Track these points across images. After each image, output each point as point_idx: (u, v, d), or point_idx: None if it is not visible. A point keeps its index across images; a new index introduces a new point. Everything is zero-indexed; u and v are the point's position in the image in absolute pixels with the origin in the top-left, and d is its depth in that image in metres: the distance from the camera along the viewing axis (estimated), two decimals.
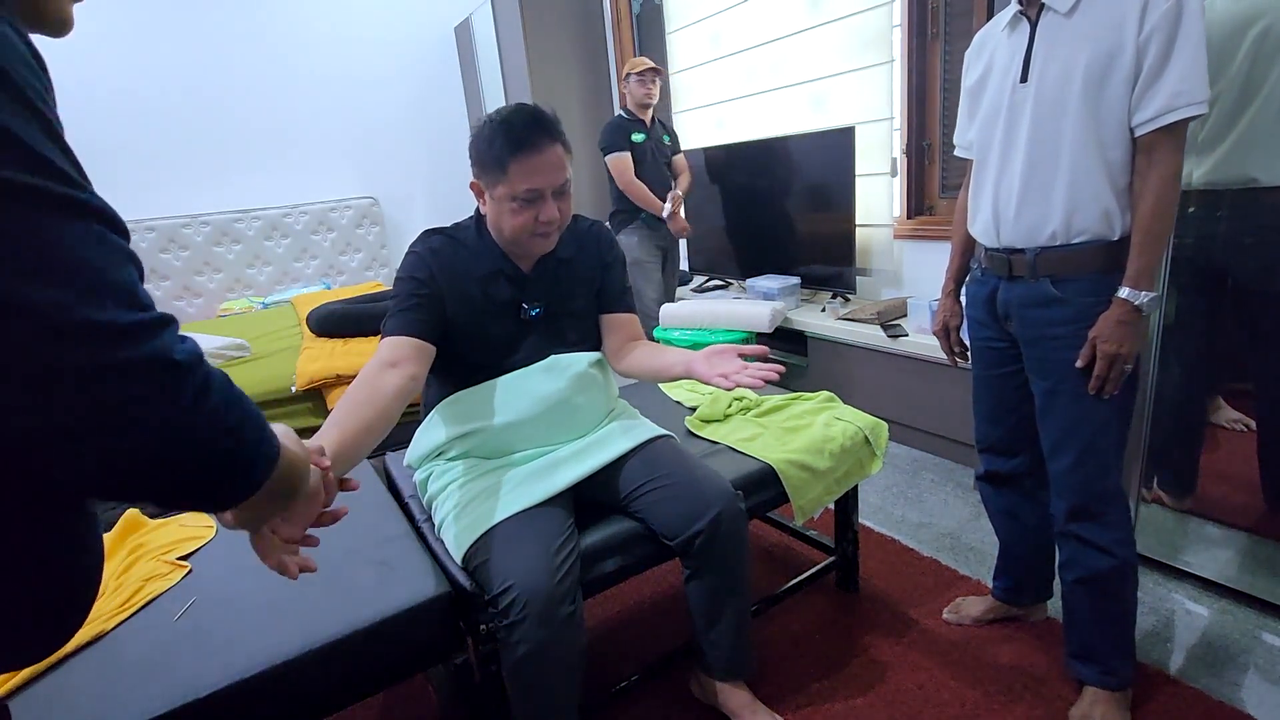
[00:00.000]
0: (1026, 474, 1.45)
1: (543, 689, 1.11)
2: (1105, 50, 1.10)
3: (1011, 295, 1.29)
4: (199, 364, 0.48)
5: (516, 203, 1.22)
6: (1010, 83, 1.23)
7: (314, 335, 2.83)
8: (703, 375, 1.22)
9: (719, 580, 1.27)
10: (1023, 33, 1.21)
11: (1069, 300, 1.21)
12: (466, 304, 1.28)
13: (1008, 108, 1.24)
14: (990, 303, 1.35)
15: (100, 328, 0.42)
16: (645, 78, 3.05)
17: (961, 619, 1.60)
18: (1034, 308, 1.25)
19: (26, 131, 0.41)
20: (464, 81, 4.82)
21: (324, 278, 4.51)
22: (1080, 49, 1.13)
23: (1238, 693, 1.35)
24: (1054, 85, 1.16)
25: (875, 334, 2.54)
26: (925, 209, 2.78)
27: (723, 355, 1.23)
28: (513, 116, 1.20)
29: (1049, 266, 1.22)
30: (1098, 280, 1.18)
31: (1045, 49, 1.18)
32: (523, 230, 1.24)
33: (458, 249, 1.30)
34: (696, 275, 3.83)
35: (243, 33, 4.10)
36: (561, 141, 1.23)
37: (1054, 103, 1.17)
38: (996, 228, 1.28)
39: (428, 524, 1.34)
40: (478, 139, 1.23)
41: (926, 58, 2.65)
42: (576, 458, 1.31)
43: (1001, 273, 1.30)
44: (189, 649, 1.03)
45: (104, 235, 0.44)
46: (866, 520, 2.08)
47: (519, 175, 1.20)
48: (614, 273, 1.43)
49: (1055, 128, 1.17)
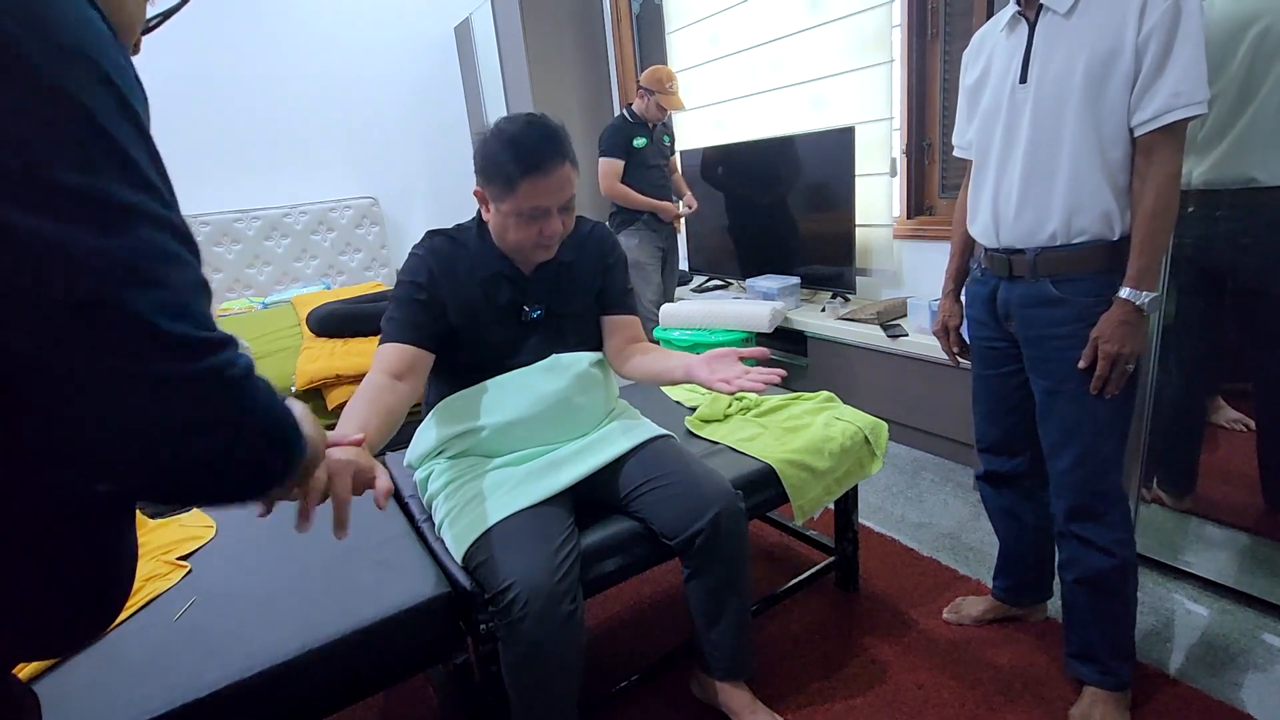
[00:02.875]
0: (1026, 474, 1.44)
1: (542, 688, 1.11)
2: (1104, 51, 1.10)
3: (1012, 295, 1.29)
4: (252, 375, 0.52)
5: (522, 218, 1.22)
6: (1009, 83, 1.23)
7: (314, 335, 2.82)
8: (703, 380, 1.21)
9: (719, 580, 1.27)
10: (1021, 33, 1.22)
11: (1069, 300, 1.21)
12: (467, 306, 1.28)
13: (1007, 108, 1.24)
14: (990, 303, 1.35)
15: (179, 340, 0.45)
16: (666, 104, 3.00)
17: (962, 619, 1.60)
18: (1034, 308, 1.25)
19: (138, 153, 0.45)
20: (464, 81, 4.82)
21: (324, 277, 4.51)
22: (1079, 49, 1.13)
23: (1238, 693, 1.35)
24: (1053, 86, 1.16)
25: (875, 334, 2.54)
26: (925, 209, 2.78)
27: (723, 359, 1.23)
28: (523, 135, 1.19)
29: (1049, 266, 1.22)
30: (1098, 280, 1.19)
31: (1044, 50, 1.18)
32: (526, 242, 1.25)
33: (459, 250, 1.30)
34: (696, 275, 3.83)
35: (242, 33, 4.10)
36: (569, 158, 1.23)
37: (1053, 103, 1.17)
38: (996, 228, 1.28)
39: (428, 523, 1.34)
40: (485, 152, 1.22)
41: (926, 58, 2.65)
42: (576, 457, 1.31)
43: (1001, 273, 1.30)
44: (189, 649, 1.03)
45: (181, 254, 0.47)
46: (866, 520, 2.08)
47: (527, 195, 1.20)
48: (615, 274, 1.43)
49: (1055, 128, 1.17)
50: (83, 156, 0.41)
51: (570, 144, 1.24)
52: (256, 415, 0.52)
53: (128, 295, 0.42)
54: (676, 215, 3.18)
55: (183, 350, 0.45)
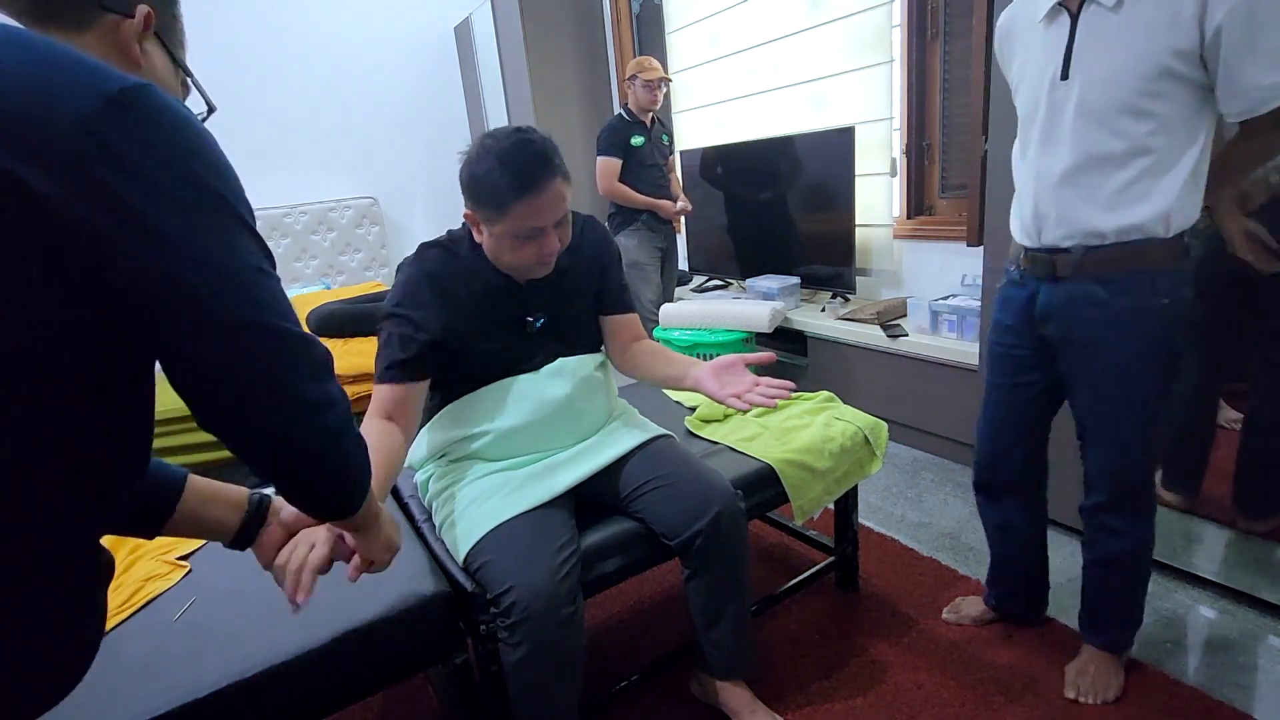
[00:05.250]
0: (1024, 485, 1.45)
1: (543, 689, 1.11)
2: (1164, 45, 1.04)
3: (1054, 297, 1.24)
4: (347, 406, 0.69)
5: (517, 240, 1.19)
6: (1048, 80, 1.17)
7: (314, 335, 2.82)
8: (713, 394, 1.22)
9: (719, 580, 1.27)
10: (1062, 27, 1.15)
11: (1115, 301, 1.17)
12: (465, 320, 1.24)
13: (1046, 105, 1.18)
14: (1027, 307, 1.30)
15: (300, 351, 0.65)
16: (653, 85, 3.02)
17: (961, 619, 1.60)
18: (1079, 309, 1.21)
19: (253, 228, 0.62)
20: (464, 81, 4.82)
21: (324, 277, 4.51)
22: (1132, 44, 1.07)
23: (1238, 693, 1.35)
24: (1102, 84, 1.11)
25: (875, 334, 2.54)
26: (925, 209, 2.78)
27: (731, 370, 1.24)
28: (510, 154, 1.14)
29: (1096, 266, 1.18)
30: (1146, 277, 1.15)
31: (1090, 44, 1.12)
32: (524, 263, 1.22)
33: (453, 263, 1.26)
34: (696, 275, 3.83)
35: (242, 32, 4.10)
36: (562, 173, 1.18)
37: (1103, 102, 1.11)
38: (1038, 227, 1.23)
39: (428, 524, 1.34)
40: (473, 173, 1.17)
41: (926, 58, 2.65)
42: (577, 459, 1.31)
43: (1043, 274, 1.25)
44: (189, 649, 1.03)
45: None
46: (866, 520, 2.08)
47: (520, 217, 1.16)
48: (611, 273, 1.42)
49: (1104, 128, 1.12)
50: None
51: (560, 156, 1.19)
52: (349, 436, 0.70)
53: (275, 320, 0.62)
54: (674, 213, 3.18)
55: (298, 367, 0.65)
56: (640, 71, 3.03)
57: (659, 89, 3.05)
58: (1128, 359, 1.19)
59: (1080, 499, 1.34)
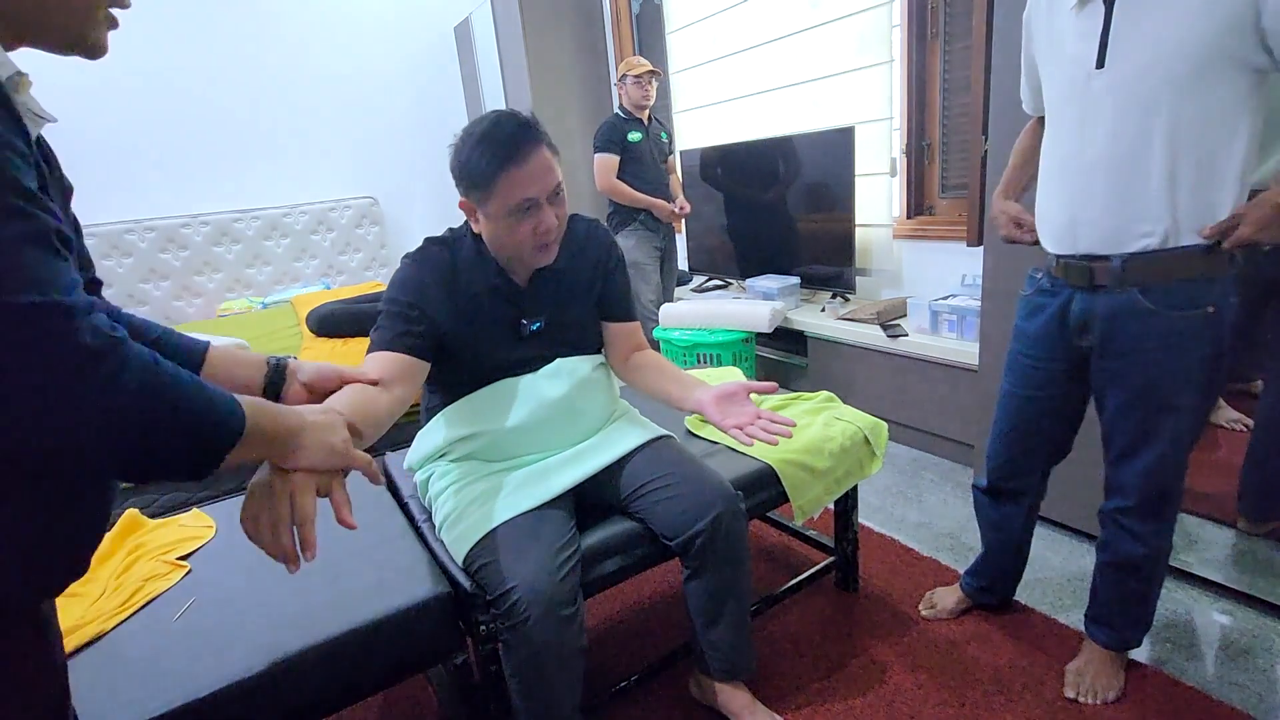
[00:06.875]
0: (1029, 492, 1.46)
1: (543, 689, 1.11)
2: (1212, 29, 0.98)
3: (1093, 306, 1.19)
4: (113, 349, 0.53)
5: (512, 217, 1.18)
6: (1082, 70, 1.11)
7: (313, 335, 2.82)
8: (715, 422, 1.24)
9: (719, 580, 1.27)
10: (1096, 11, 1.08)
11: (1160, 312, 1.12)
12: (463, 320, 1.24)
13: (1080, 97, 1.12)
14: (1058, 317, 1.25)
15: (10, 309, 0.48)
16: (643, 80, 3.05)
17: (939, 613, 1.62)
18: (1122, 320, 1.15)
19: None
20: (464, 81, 4.82)
21: (324, 277, 4.51)
22: (1174, 29, 1.01)
23: (1238, 693, 1.35)
24: (1142, 73, 1.04)
25: (875, 334, 2.54)
26: (925, 209, 2.78)
27: (734, 399, 1.25)
28: (492, 129, 1.15)
29: (1140, 275, 1.12)
30: (1193, 287, 1.10)
31: (1127, 31, 1.05)
32: (524, 245, 1.21)
33: (454, 260, 1.26)
34: (696, 275, 3.83)
35: (242, 32, 4.09)
36: (546, 143, 1.17)
37: (1145, 94, 1.05)
38: (1074, 232, 1.17)
39: (428, 524, 1.34)
40: (459, 158, 1.17)
41: (926, 58, 2.65)
42: (577, 459, 1.31)
43: (1080, 282, 1.19)
44: (189, 649, 1.03)
45: None
46: (866, 520, 2.08)
47: (509, 187, 1.15)
48: (616, 279, 1.41)
49: (1146, 120, 1.06)
50: None
51: (544, 130, 1.19)
52: (121, 388, 0.54)
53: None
54: (672, 213, 3.18)
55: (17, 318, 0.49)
56: (629, 70, 3.06)
57: (649, 83, 3.06)
58: (1173, 370, 1.14)
59: (1089, 500, 1.34)
